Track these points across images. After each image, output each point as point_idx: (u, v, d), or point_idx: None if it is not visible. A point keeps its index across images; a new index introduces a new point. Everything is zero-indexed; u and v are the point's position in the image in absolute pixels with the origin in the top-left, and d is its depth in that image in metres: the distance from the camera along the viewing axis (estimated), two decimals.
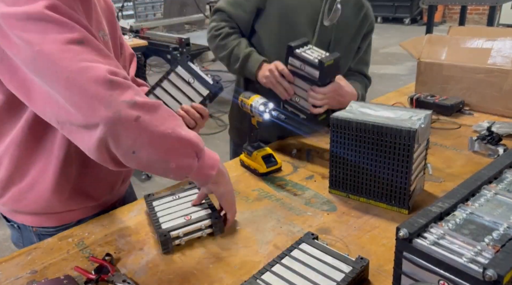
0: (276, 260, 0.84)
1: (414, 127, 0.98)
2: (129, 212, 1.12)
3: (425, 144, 1.10)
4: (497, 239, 0.62)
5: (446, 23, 9.56)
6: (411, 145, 0.98)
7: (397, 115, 1.07)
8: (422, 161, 1.11)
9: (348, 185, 1.12)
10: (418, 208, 1.07)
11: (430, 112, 1.07)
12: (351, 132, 1.06)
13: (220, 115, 4.65)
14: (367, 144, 1.04)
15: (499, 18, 7.80)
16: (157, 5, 5.21)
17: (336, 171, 1.13)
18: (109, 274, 0.86)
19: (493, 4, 4.53)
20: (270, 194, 1.18)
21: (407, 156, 0.99)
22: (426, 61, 1.80)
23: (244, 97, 1.27)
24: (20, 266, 0.92)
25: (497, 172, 0.80)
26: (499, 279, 0.54)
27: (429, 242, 0.63)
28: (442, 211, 0.68)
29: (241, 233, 1.01)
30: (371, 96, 1.91)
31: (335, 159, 1.12)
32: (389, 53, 7.04)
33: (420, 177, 1.12)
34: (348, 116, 1.07)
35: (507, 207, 0.71)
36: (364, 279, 0.83)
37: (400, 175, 1.02)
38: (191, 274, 0.88)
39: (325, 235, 0.98)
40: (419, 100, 1.74)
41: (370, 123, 1.02)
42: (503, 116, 1.63)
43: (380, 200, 1.08)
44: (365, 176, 1.08)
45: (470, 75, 1.68)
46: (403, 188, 1.03)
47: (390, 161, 1.02)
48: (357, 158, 1.07)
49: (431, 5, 4.92)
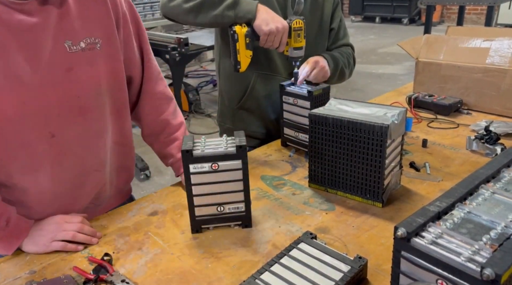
0: (275, 260, 0.84)
1: (387, 123, 1.01)
2: (128, 212, 1.12)
3: (400, 139, 1.13)
4: (495, 238, 0.62)
5: (444, 23, 9.57)
6: (383, 140, 1.02)
7: (372, 112, 1.10)
8: (397, 156, 1.14)
9: (326, 179, 1.16)
10: (393, 202, 1.11)
11: (404, 110, 1.11)
12: (328, 128, 1.10)
13: None
14: (343, 140, 1.08)
15: (497, 18, 7.82)
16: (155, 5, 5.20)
17: (314, 165, 1.17)
18: (107, 274, 0.86)
19: (491, 4, 4.54)
20: (269, 194, 1.18)
21: (380, 151, 1.03)
22: (424, 61, 1.81)
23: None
24: (18, 266, 0.92)
25: (495, 171, 0.81)
26: (497, 278, 0.54)
27: (427, 241, 0.63)
28: (440, 210, 0.68)
29: (240, 232, 1.01)
30: (370, 96, 1.91)
31: (314, 154, 1.16)
32: (388, 53, 7.05)
33: (396, 172, 1.15)
34: (326, 112, 1.11)
35: (504, 206, 0.71)
36: (363, 278, 0.83)
37: (374, 169, 1.06)
38: (190, 274, 0.88)
39: (323, 235, 0.98)
40: (417, 100, 1.74)
41: (346, 120, 1.06)
42: (501, 116, 1.63)
43: (356, 193, 1.12)
44: (342, 170, 1.12)
45: (468, 75, 1.68)
46: (376, 182, 1.07)
47: (364, 156, 1.06)
48: (334, 152, 1.12)
49: (429, 5, 4.93)
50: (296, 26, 1.29)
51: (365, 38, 8.36)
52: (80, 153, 1.04)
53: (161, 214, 1.10)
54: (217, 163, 0.95)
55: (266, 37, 1.26)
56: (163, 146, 1.25)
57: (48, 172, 1.00)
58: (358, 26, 9.84)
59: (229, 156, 0.95)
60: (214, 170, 0.96)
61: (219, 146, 0.97)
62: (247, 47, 1.28)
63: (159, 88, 1.21)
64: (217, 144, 0.98)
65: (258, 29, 1.26)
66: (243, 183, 0.98)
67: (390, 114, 1.07)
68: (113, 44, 1.04)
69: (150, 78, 1.18)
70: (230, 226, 1.03)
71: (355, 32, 8.95)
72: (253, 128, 1.56)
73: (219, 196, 0.99)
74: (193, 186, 0.97)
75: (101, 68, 1.01)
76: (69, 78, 0.96)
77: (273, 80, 1.48)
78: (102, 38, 1.01)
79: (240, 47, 1.27)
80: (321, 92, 1.32)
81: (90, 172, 1.07)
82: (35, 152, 0.97)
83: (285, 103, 1.40)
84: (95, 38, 0.99)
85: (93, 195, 1.11)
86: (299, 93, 1.34)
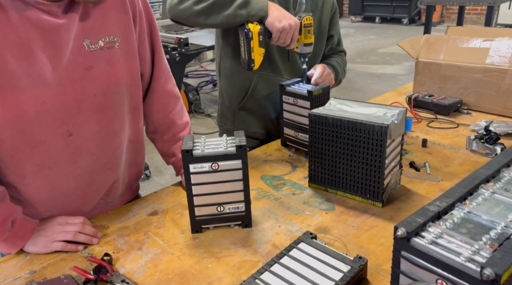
0: (275, 260, 0.84)
1: (387, 123, 1.01)
2: (128, 211, 1.12)
3: (399, 139, 1.13)
4: (495, 238, 0.62)
5: (444, 23, 9.57)
6: (383, 140, 1.02)
7: (372, 111, 1.10)
8: (397, 156, 1.14)
9: (326, 179, 1.16)
10: (393, 202, 1.11)
11: (404, 109, 1.11)
12: (328, 128, 1.10)
13: None
14: (343, 139, 1.09)
15: (497, 18, 7.81)
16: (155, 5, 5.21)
17: (314, 165, 1.17)
18: (108, 274, 0.86)
19: (491, 4, 4.54)
20: (269, 194, 1.18)
21: (380, 151, 1.03)
22: (424, 61, 1.81)
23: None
24: (18, 266, 0.92)
25: (495, 171, 0.81)
26: (497, 278, 0.54)
27: (427, 241, 0.63)
28: (440, 210, 0.68)
29: (240, 232, 1.01)
30: (370, 96, 1.91)
31: (314, 154, 1.16)
32: (387, 53, 7.05)
33: (396, 172, 1.15)
34: (326, 112, 1.11)
35: (504, 206, 0.71)
36: (363, 278, 0.83)
37: (374, 169, 1.06)
38: (190, 274, 0.88)
39: (323, 234, 0.98)
40: (417, 100, 1.74)
41: (346, 119, 1.06)
42: (501, 116, 1.63)
43: (356, 193, 1.12)
44: (342, 170, 1.12)
45: (468, 75, 1.69)
46: (376, 181, 1.07)
47: (364, 155, 1.06)
48: (334, 152, 1.11)
49: (429, 5, 4.93)
50: (307, 22, 1.30)
51: (365, 38, 8.36)
52: (96, 151, 1.04)
53: (161, 214, 1.10)
54: (217, 162, 0.95)
55: (278, 34, 1.27)
56: (167, 145, 1.26)
57: (62, 170, 1.00)
58: (358, 26, 9.84)
59: (229, 155, 0.95)
60: (214, 170, 0.96)
61: (219, 146, 0.97)
62: (260, 45, 1.28)
63: (168, 87, 1.21)
64: (217, 144, 0.98)
65: (271, 27, 1.26)
66: (243, 182, 0.98)
67: (390, 114, 1.07)
68: (131, 42, 1.04)
69: (160, 76, 1.18)
70: (230, 226, 1.03)
71: (355, 32, 8.95)
72: (253, 129, 1.56)
73: (219, 196, 0.99)
74: (193, 186, 0.97)
75: (119, 66, 1.01)
76: (88, 77, 0.97)
77: (274, 81, 1.48)
78: (121, 36, 1.01)
79: (254, 45, 1.27)
80: (321, 92, 1.33)
81: (103, 170, 1.08)
82: (51, 150, 0.97)
83: (285, 103, 1.41)
84: (114, 36, 0.99)
85: (104, 191, 1.12)
86: (299, 93, 1.34)
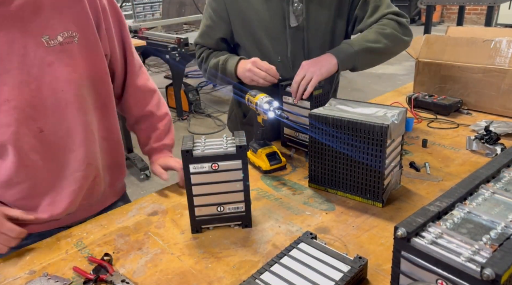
0: (275, 260, 0.84)
1: (387, 123, 1.01)
2: (127, 211, 1.12)
3: (399, 139, 1.13)
4: (495, 238, 0.62)
5: (444, 23, 9.57)
6: (383, 140, 1.02)
7: (372, 112, 1.11)
8: (397, 156, 1.14)
9: (326, 179, 1.16)
10: (393, 202, 1.10)
11: (404, 110, 1.11)
12: (328, 128, 1.10)
13: (218, 115, 4.65)
14: (343, 139, 1.08)
15: (497, 18, 7.81)
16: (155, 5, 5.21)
17: (314, 165, 1.17)
18: (107, 274, 0.86)
19: (491, 4, 4.54)
20: (269, 194, 1.18)
21: (380, 151, 1.03)
22: (424, 61, 1.81)
23: (250, 95, 1.28)
24: (18, 266, 0.92)
25: (495, 171, 0.80)
26: (497, 278, 0.54)
27: (427, 241, 0.63)
28: (440, 210, 0.68)
29: (240, 232, 1.01)
30: (370, 96, 1.91)
31: (314, 154, 1.16)
32: None
33: (396, 172, 1.15)
34: (326, 112, 1.11)
35: (504, 206, 0.71)
36: (363, 278, 0.83)
37: (374, 169, 1.06)
38: (190, 274, 0.88)
39: (323, 235, 0.98)
40: (417, 100, 1.74)
41: (346, 119, 1.06)
42: (501, 116, 1.63)
43: (356, 193, 1.12)
44: (342, 170, 1.12)
45: (468, 75, 1.68)
46: (376, 181, 1.07)
47: (364, 155, 1.06)
48: (334, 152, 1.12)
49: (429, 5, 4.93)
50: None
51: None
52: (71, 147, 1.05)
53: (161, 214, 1.10)
54: (217, 163, 0.95)
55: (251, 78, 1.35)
56: (143, 133, 1.30)
57: (39, 167, 1.02)
58: None
59: (229, 156, 0.95)
60: (214, 170, 0.96)
61: (219, 146, 0.97)
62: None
63: (141, 82, 1.24)
64: (217, 144, 0.98)
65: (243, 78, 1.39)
66: (243, 183, 0.98)
67: (390, 114, 1.07)
68: (91, 37, 1.05)
69: (132, 72, 1.22)
70: (230, 226, 1.03)
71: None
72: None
73: (219, 196, 0.99)
74: (193, 186, 0.97)
75: (80, 61, 1.02)
76: (51, 73, 0.98)
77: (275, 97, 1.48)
78: (79, 31, 1.02)
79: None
80: (321, 92, 1.33)
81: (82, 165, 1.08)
82: (25, 148, 0.98)
83: (285, 103, 1.41)
84: (72, 31, 1.00)
85: (86, 187, 1.12)
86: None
